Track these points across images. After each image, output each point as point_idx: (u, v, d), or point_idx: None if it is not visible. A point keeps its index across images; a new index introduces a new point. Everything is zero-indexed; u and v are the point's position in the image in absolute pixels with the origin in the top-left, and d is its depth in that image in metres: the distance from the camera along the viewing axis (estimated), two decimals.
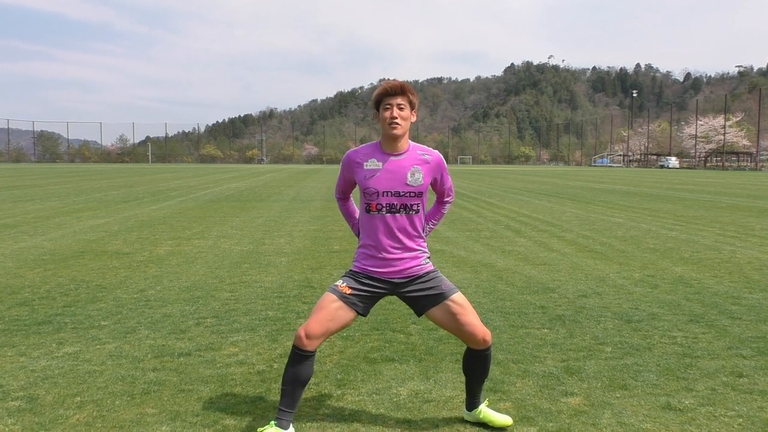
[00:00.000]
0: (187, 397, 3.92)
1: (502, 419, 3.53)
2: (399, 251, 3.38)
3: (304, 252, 9.81)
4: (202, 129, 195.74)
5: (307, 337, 3.24)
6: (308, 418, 3.62)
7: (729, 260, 9.16)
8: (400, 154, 3.36)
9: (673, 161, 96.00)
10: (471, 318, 3.40)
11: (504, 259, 9.22)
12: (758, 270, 8.36)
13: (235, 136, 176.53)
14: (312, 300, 6.53)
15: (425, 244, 3.52)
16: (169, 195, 23.33)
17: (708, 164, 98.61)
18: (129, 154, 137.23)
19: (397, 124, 3.28)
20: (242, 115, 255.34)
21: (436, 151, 3.46)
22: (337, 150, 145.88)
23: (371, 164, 3.35)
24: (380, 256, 3.38)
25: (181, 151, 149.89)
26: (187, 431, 3.43)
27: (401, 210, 3.35)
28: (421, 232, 3.47)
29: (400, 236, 3.38)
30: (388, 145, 3.36)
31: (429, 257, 3.53)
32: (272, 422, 3.30)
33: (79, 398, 3.88)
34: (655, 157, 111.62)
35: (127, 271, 8.12)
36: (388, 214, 3.35)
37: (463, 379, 4.21)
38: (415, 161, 3.37)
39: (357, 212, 3.66)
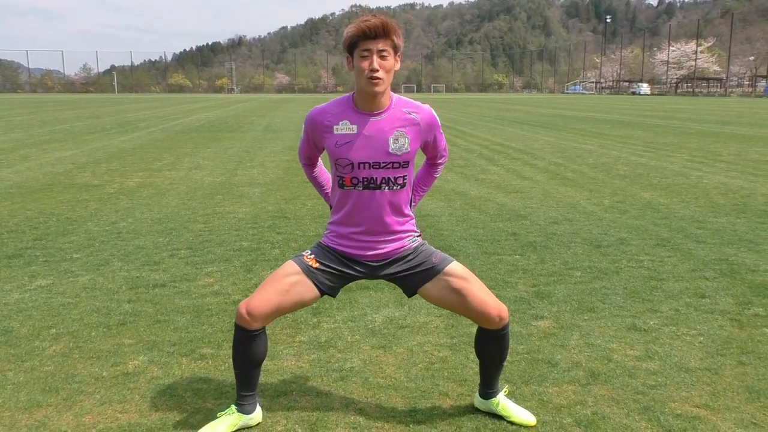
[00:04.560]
0: (163, 327, 3.95)
1: (524, 417, 2.85)
2: (379, 234, 2.70)
3: (278, 182, 9.76)
4: (169, 58, 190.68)
5: (249, 314, 2.62)
6: (285, 345, 3.68)
7: (696, 185, 9.34)
8: (381, 113, 2.59)
9: (645, 88, 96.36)
10: (478, 291, 2.72)
11: (477, 187, 9.28)
12: (723, 195, 8.54)
13: (203, 65, 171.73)
14: (286, 230, 6.54)
15: (413, 222, 2.82)
16: (138, 126, 22.83)
17: (679, 90, 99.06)
18: (94, 83, 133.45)
19: (379, 78, 2.48)
20: (210, 43, 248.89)
21: (427, 105, 2.68)
22: (309, 79, 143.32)
23: (343, 128, 2.59)
24: (356, 238, 2.71)
25: (148, 80, 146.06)
26: (164, 360, 3.47)
27: (382, 185, 2.63)
28: (408, 208, 2.78)
29: (382, 217, 2.68)
30: (364, 102, 2.58)
31: (418, 235, 2.84)
32: (233, 406, 2.81)
33: (54, 330, 3.89)
34: (627, 83, 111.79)
35: (97, 203, 8.02)
36: (366, 190, 2.63)
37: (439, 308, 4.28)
38: (400, 123, 2.61)
39: (329, 179, 2.93)
